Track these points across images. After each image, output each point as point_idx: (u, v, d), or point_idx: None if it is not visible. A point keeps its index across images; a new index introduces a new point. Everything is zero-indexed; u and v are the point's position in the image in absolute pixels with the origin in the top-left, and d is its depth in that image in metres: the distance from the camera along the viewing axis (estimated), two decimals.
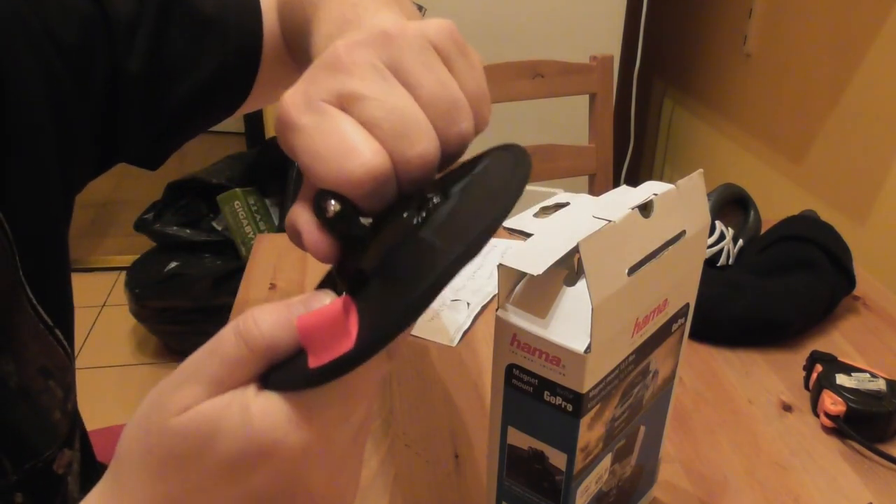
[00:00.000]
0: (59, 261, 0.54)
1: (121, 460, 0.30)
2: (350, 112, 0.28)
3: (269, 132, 2.54)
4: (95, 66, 0.51)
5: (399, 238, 0.28)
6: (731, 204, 0.86)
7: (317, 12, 0.43)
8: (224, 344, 0.28)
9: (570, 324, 0.36)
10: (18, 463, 0.49)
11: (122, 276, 1.97)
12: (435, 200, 0.29)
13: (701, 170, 0.42)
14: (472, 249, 0.25)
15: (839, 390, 0.62)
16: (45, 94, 0.48)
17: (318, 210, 0.28)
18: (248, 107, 0.62)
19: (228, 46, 0.57)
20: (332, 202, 0.28)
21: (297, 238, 0.30)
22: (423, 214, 0.29)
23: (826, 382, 0.63)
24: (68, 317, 0.54)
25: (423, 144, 0.28)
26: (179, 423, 0.27)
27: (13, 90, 0.46)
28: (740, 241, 0.82)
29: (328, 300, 0.28)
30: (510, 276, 0.38)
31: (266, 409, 0.27)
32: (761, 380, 0.69)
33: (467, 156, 0.33)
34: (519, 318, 0.37)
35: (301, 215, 0.29)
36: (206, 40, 0.56)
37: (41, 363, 0.50)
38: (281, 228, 1.98)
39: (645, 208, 0.37)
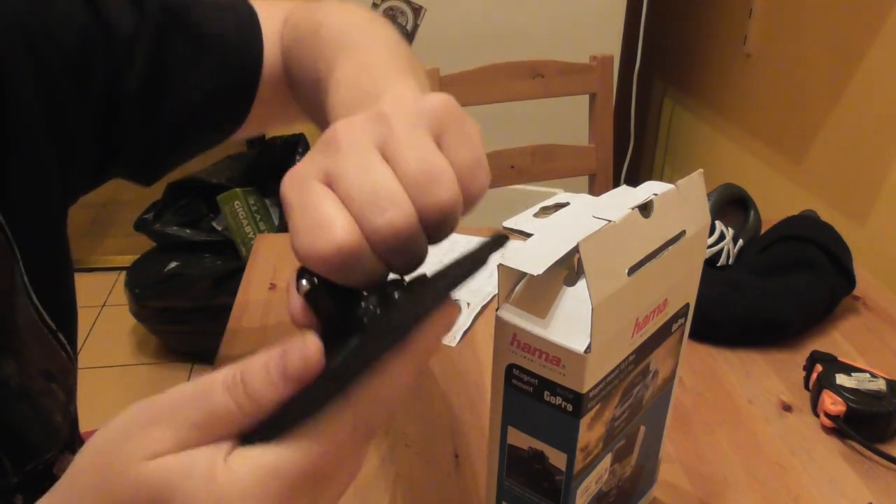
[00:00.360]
0: (61, 264, 0.54)
1: (73, 481, 0.28)
2: (334, 189, 0.29)
3: (270, 132, 2.54)
4: (94, 73, 0.51)
5: (346, 326, 0.30)
6: (731, 204, 0.86)
7: (332, 73, 0.44)
8: (212, 393, 0.27)
9: (570, 324, 0.36)
10: (19, 464, 0.49)
11: (122, 276, 1.97)
12: (395, 295, 0.30)
13: (701, 170, 0.42)
14: (378, 352, 0.28)
15: (839, 390, 0.62)
16: (44, 96, 0.48)
17: (297, 284, 0.30)
18: (244, 132, 0.61)
19: (228, 68, 0.56)
20: (304, 281, 0.29)
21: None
22: (375, 308, 0.30)
23: (826, 382, 0.63)
24: (71, 321, 0.54)
25: (391, 213, 0.28)
26: (142, 474, 0.26)
27: (13, 90, 0.46)
28: (740, 241, 0.82)
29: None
30: (510, 276, 0.38)
31: (231, 480, 0.26)
32: (761, 380, 0.69)
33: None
34: (519, 318, 0.37)
35: (291, 283, 0.30)
36: (206, 60, 0.55)
37: (44, 366, 0.50)
38: (281, 228, 1.98)
39: (645, 208, 0.37)
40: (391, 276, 0.31)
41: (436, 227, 0.30)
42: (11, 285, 0.47)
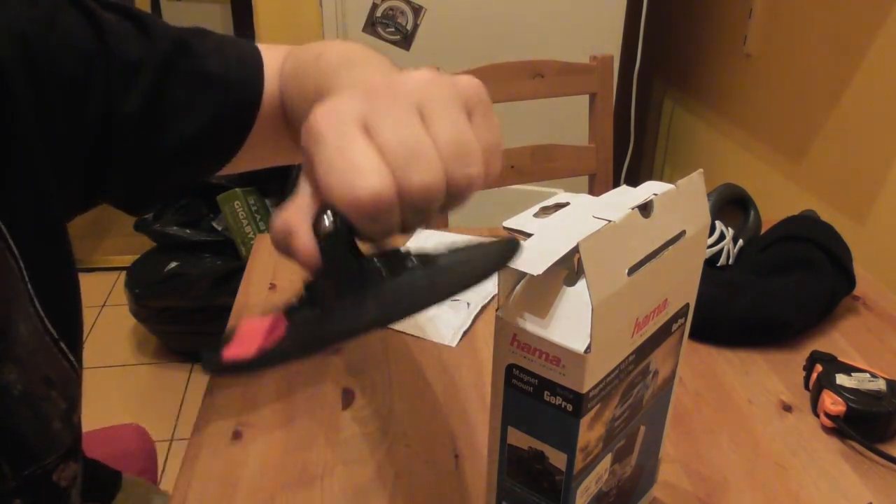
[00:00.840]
0: (66, 275, 0.54)
1: None
2: (372, 137, 0.30)
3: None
4: (92, 98, 0.51)
5: (355, 282, 0.31)
6: (731, 204, 0.86)
7: (338, 79, 0.45)
8: None
9: (570, 324, 0.36)
10: (17, 468, 0.50)
11: (122, 276, 1.97)
12: (409, 264, 0.31)
13: (701, 170, 0.42)
14: (382, 321, 0.29)
15: (839, 390, 0.62)
16: (42, 111, 0.48)
17: (317, 223, 0.31)
18: (237, 165, 0.62)
19: (226, 104, 0.57)
20: (328, 222, 0.30)
21: (285, 238, 0.32)
22: (388, 270, 0.31)
23: (826, 382, 0.63)
24: (76, 332, 0.54)
25: (427, 175, 0.29)
26: None
27: (13, 98, 0.46)
28: (740, 241, 0.82)
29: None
30: (510, 276, 0.38)
31: None
32: (761, 380, 0.69)
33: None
34: (519, 318, 0.37)
35: (299, 221, 0.31)
36: (206, 94, 0.56)
37: (45, 373, 0.50)
38: None
39: (645, 208, 0.37)
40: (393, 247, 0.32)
41: (457, 196, 0.31)
42: (14, 293, 0.47)
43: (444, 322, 0.76)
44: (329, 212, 0.31)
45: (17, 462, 0.50)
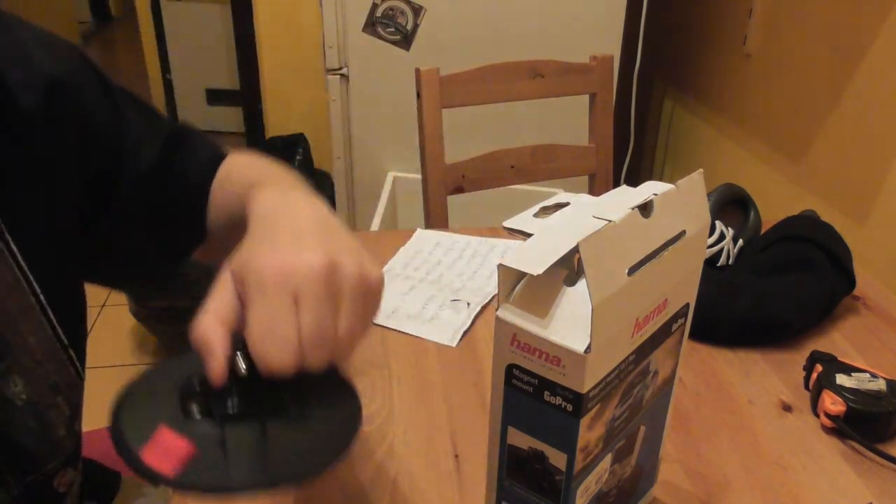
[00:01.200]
0: (75, 287, 0.55)
1: None
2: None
3: (269, 132, 2.54)
4: (89, 166, 0.54)
5: (242, 425, 0.39)
6: (731, 204, 0.86)
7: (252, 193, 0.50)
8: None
9: (570, 324, 0.36)
10: (20, 476, 0.50)
11: None
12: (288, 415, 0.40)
13: (701, 170, 0.42)
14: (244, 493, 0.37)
15: (839, 390, 0.62)
16: (57, 153, 0.51)
17: (238, 360, 0.39)
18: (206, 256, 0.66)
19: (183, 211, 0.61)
20: (242, 367, 0.39)
21: (202, 348, 0.39)
22: (265, 422, 0.40)
23: (826, 382, 0.63)
24: (81, 339, 0.55)
25: (282, 358, 0.38)
26: None
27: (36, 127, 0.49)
28: (740, 241, 0.82)
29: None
30: (510, 276, 0.38)
31: None
32: (761, 380, 0.69)
33: None
34: (519, 318, 0.37)
35: (218, 342, 0.39)
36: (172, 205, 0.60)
37: (52, 379, 0.51)
38: None
39: (645, 208, 0.37)
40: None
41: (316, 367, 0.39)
42: (23, 306, 0.48)
43: (444, 322, 0.75)
44: (241, 355, 0.39)
45: (20, 470, 0.50)
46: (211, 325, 0.39)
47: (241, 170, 0.58)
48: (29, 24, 0.51)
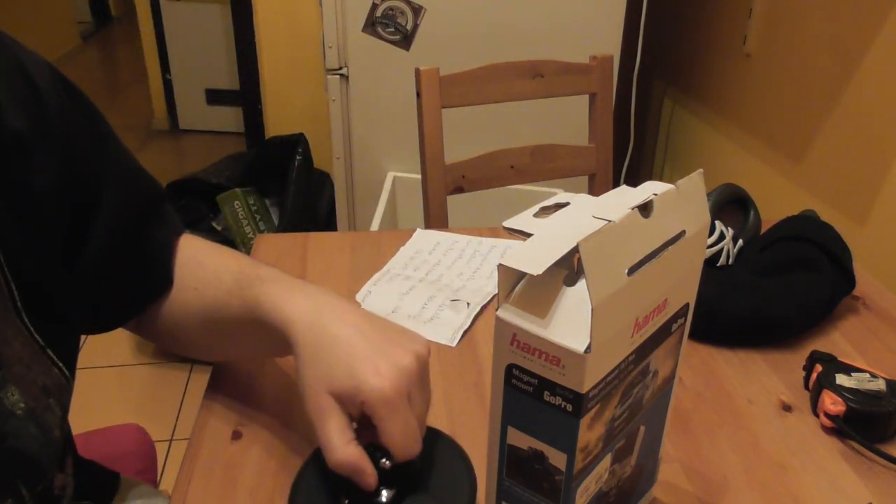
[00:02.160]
0: (54, 284, 0.54)
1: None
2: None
3: (269, 132, 2.54)
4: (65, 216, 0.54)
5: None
6: (731, 204, 0.86)
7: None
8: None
9: (570, 324, 0.36)
10: (32, 487, 0.49)
11: None
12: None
13: (701, 170, 0.42)
14: None
15: (839, 390, 0.62)
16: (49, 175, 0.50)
17: (375, 460, 0.47)
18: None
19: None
20: (387, 463, 0.47)
21: (354, 475, 0.46)
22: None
23: (826, 382, 0.63)
24: (63, 340, 0.54)
25: (417, 448, 0.48)
26: None
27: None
28: (740, 241, 0.82)
29: None
30: (510, 276, 0.38)
31: None
32: (761, 380, 0.69)
33: None
34: (519, 318, 0.37)
35: (365, 462, 0.46)
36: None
37: (42, 382, 0.50)
38: (280, 229, 1.98)
39: (645, 208, 0.37)
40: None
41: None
42: (3, 312, 0.47)
43: (444, 322, 0.75)
44: (384, 458, 0.47)
45: (31, 481, 0.50)
46: (351, 452, 0.46)
47: (214, 258, 0.61)
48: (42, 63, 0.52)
